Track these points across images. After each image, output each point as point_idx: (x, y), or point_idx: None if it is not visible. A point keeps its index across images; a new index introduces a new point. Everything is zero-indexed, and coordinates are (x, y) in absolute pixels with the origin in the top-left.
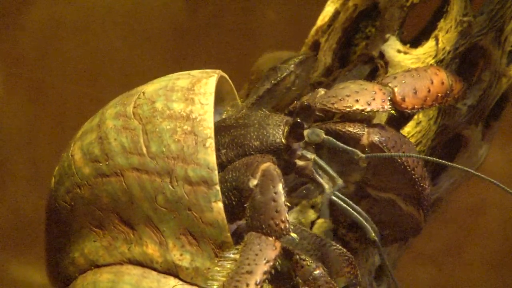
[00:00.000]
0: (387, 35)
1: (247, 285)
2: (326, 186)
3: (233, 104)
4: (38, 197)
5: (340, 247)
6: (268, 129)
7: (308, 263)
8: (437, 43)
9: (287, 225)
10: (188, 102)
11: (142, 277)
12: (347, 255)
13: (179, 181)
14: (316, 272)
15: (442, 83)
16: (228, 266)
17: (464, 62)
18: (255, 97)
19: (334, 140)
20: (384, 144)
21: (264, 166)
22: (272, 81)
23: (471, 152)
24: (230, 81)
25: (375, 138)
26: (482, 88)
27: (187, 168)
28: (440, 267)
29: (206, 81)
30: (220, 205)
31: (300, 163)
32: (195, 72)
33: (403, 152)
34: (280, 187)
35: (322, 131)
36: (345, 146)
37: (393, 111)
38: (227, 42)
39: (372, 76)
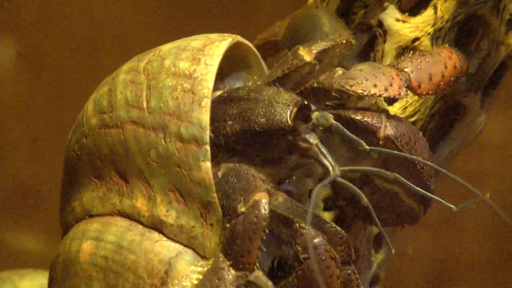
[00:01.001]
0: (386, 4)
1: None
2: (331, 168)
3: (260, 74)
4: (36, 166)
5: (335, 225)
6: (277, 108)
7: (308, 231)
8: (435, 12)
9: (252, 268)
10: (194, 62)
11: (127, 230)
12: (341, 233)
13: (171, 137)
14: (316, 240)
15: (455, 67)
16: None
17: (463, 30)
18: (273, 77)
19: (342, 127)
20: (399, 140)
21: (258, 196)
22: (285, 70)
23: (470, 120)
24: (255, 49)
25: (391, 133)
26: (481, 57)
27: (181, 125)
28: (436, 234)
29: (218, 44)
30: (208, 165)
31: (303, 144)
32: (213, 35)
33: (415, 150)
34: (261, 229)
35: (331, 115)
36: (352, 136)
37: (407, 98)
38: (228, 9)
39: (370, 45)
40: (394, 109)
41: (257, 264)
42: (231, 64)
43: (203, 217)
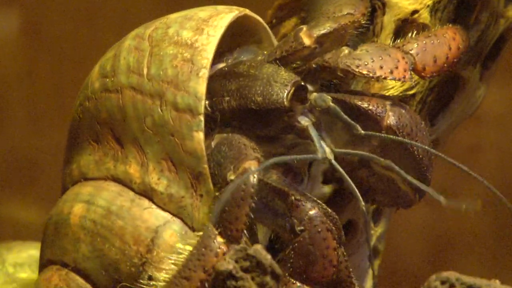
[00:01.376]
0: None
1: None
2: (319, 151)
3: (268, 49)
4: (35, 138)
5: (325, 206)
6: (274, 87)
7: (304, 203)
8: None
9: (240, 235)
10: (197, 32)
11: (118, 195)
12: (331, 215)
13: (167, 105)
14: (312, 212)
15: (458, 48)
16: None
17: (462, 3)
18: (273, 57)
19: (339, 110)
20: (400, 130)
21: (247, 164)
22: (283, 52)
23: (469, 93)
24: (264, 24)
25: (393, 122)
26: (480, 29)
27: (177, 94)
28: (435, 207)
29: (223, 16)
30: (200, 135)
31: (299, 125)
32: (221, 7)
33: (416, 141)
34: (249, 196)
35: (329, 97)
36: (348, 119)
37: (412, 82)
38: None
39: (369, 18)
40: (394, 81)
41: (245, 232)
42: (241, 37)
43: (193, 188)
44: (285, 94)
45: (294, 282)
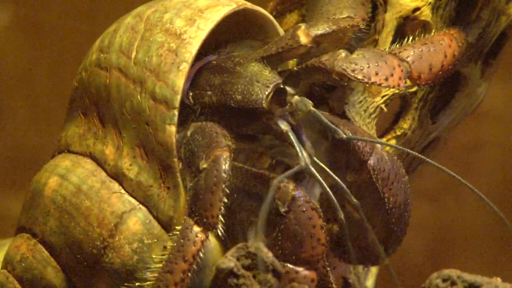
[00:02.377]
0: None
1: (167, 286)
2: (300, 158)
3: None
4: (36, 135)
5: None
6: (255, 87)
7: (285, 185)
8: None
9: (216, 221)
10: (189, 22)
11: (91, 174)
12: (315, 207)
13: (146, 93)
14: (295, 192)
15: (454, 55)
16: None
17: (463, 0)
18: (267, 53)
19: (320, 115)
20: (376, 172)
21: (219, 151)
22: (279, 49)
23: (470, 90)
24: (271, 17)
25: (372, 162)
26: (481, 27)
27: (156, 84)
28: (438, 204)
29: (219, 9)
30: (172, 128)
31: (277, 128)
32: None
33: (389, 190)
34: (221, 181)
35: (310, 102)
36: (329, 123)
37: (405, 91)
38: None
39: (371, 15)
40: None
41: (221, 218)
42: (246, 30)
43: (162, 179)
44: (265, 95)
45: (286, 265)
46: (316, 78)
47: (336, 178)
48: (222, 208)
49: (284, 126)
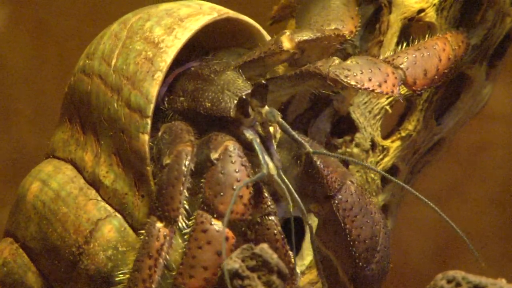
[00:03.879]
0: None
1: (136, 285)
2: (271, 165)
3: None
4: (41, 135)
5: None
6: (225, 96)
7: (222, 137)
8: None
9: (177, 214)
10: (168, 31)
11: (70, 181)
12: (246, 164)
13: (122, 101)
14: (229, 143)
15: (449, 58)
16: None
17: (468, 1)
18: (248, 59)
19: (288, 127)
20: (342, 209)
21: (180, 147)
22: (261, 54)
23: (475, 92)
24: (258, 26)
25: (339, 199)
26: (486, 28)
27: (132, 92)
28: (443, 205)
29: (199, 18)
30: (146, 137)
31: (243, 136)
32: (206, 6)
33: (355, 228)
34: (182, 175)
35: (279, 113)
36: (296, 137)
37: (399, 98)
38: None
39: (376, 16)
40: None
41: (183, 211)
42: (233, 37)
43: (136, 187)
44: (234, 104)
45: (202, 214)
46: (310, 83)
47: (296, 195)
48: (184, 201)
49: (249, 135)
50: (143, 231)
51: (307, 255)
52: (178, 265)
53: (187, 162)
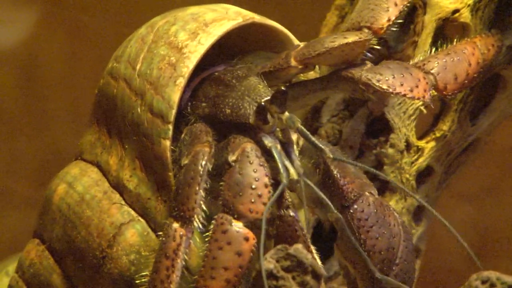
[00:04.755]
0: None
1: (154, 286)
2: (292, 171)
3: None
4: (75, 136)
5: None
6: (244, 102)
7: (240, 139)
8: None
9: (192, 214)
10: (191, 36)
11: (95, 184)
12: (264, 164)
13: (145, 106)
14: (248, 145)
15: (478, 63)
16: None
17: (503, 1)
18: (261, 70)
19: (307, 133)
20: (357, 219)
21: (198, 147)
22: (271, 68)
23: (510, 92)
24: (286, 30)
25: (354, 209)
26: None
27: (154, 97)
28: (478, 206)
29: (223, 23)
30: (167, 143)
31: (261, 143)
32: (232, 11)
33: (370, 238)
34: (198, 174)
35: (299, 120)
36: (316, 142)
37: (430, 104)
38: None
39: (410, 17)
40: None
41: (200, 211)
42: (262, 41)
43: (159, 192)
44: (252, 111)
45: (222, 216)
46: (342, 87)
47: (322, 195)
48: (200, 201)
49: (268, 142)
50: (161, 233)
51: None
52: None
53: (203, 162)
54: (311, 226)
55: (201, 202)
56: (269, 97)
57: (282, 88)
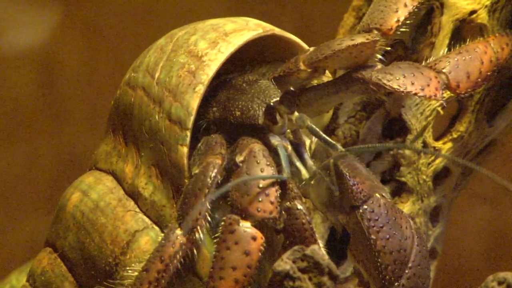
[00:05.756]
0: None
1: (141, 284)
2: (302, 171)
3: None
4: (93, 137)
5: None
6: (254, 104)
7: (248, 141)
8: None
9: (195, 225)
10: (211, 45)
11: (109, 191)
12: (271, 164)
13: (164, 113)
14: (255, 145)
15: (491, 61)
16: None
17: None
18: (271, 76)
19: (317, 129)
20: (367, 219)
21: (210, 158)
22: (281, 72)
23: None
24: (303, 44)
25: (364, 210)
26: None
27: (173, 105)
28: (495, 207)
29: (243, 33)
30: (184, 150)
31: (270, 144)
32: (252, 23)
33: (380, 238)
34: (206, 186)
35: (308, 118)
36: (327, 138)
37: (443, 102)
38: None
39: (427, 17)
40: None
41: (204, 222)
42: (279, 52)
43: (174, 199)
44: (262, 111)
45: (230, 216)
46: (353, 89)
47: (335, 188)
48: (206, 213)
49: (275, 141)
50: (163, 234)
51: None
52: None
53: (213, 174)
54: (328, 227)
55: (207, 214)
56: (277, 98)
57: (291, 88)
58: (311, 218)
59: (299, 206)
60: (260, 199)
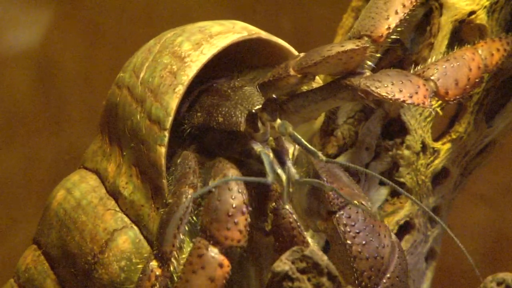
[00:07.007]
0: None
1: None
2: (283, 177)
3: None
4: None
5: None
6: (237, 111)
7: (224, 164)
8: None
9: (169, 257)
10: (195, 46)
11: (92, 190)
12: (243, 192)
13: (144, 113)
14: (229, 171)
15: (479, 67)
16: None
17: None
18: (261, 81)
19: (299, 137)
20: (344, 226)
21: (183, 189)
22: (270, 77)
23: None
24: (290, 48)
25: (340, 216)
26: None
27: (153, 105)
28: (494, 208)
29: (228, 36)
30: (162, 150)
31: (252, 150)
32: (239, 26)
33: (357, 244)
34: (177, 217)
35: (290, 125)
36: (308, 145)
37: (431, 109)
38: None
39: (426, 18)
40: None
41: (175, 253)
42: (267, 57)
43: (153, 199)
44: (244, 118)
45: (199, 240)
46: (342, 96)
47: (327, 185)
48: (178, 244)
49: (257, 147)
50: (141, 234)
51: None
52: None
53: (185, 206)
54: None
55: (181, 245)
56: (260, 106)
57: (273, 96)
58: (297, 217)
59: (285, 205)
60: (228, 227)
